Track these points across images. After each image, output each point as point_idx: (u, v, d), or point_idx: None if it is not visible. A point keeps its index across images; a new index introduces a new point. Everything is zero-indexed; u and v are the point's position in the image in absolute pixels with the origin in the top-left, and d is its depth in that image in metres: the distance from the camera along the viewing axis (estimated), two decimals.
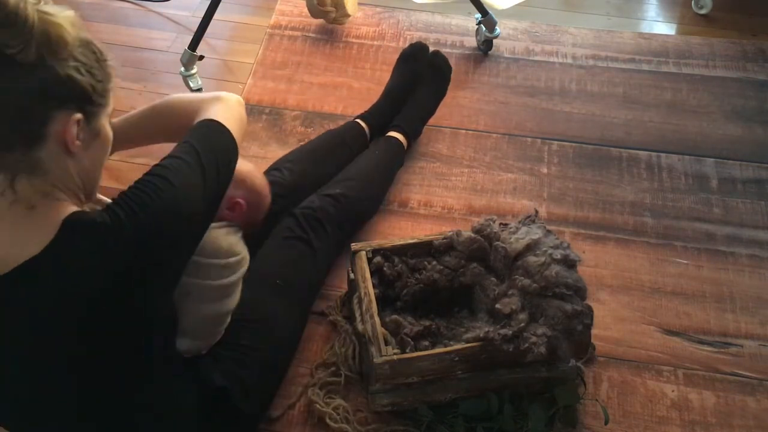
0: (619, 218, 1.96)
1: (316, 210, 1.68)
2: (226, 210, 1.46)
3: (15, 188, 1.03)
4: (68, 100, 1.04)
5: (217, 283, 1.36)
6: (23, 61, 0.99)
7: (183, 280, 1.24)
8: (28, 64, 0.99)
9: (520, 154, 2.11)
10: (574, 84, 2.31)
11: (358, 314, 1.56)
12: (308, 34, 2.43)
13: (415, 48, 2.08)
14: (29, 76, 1.00)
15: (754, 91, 2.30)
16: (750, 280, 1.83)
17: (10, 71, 0.99)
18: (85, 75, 1.04)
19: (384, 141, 1.97)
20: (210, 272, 1.34)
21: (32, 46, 0.99)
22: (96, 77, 1.07)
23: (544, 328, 1.45)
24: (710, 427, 1.57)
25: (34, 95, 1.01)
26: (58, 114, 1.03)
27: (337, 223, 1.70)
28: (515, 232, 1.60)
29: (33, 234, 1.03)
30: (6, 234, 1.04)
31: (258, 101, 2.21)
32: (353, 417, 1.53)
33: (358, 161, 1.89)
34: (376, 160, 1.91)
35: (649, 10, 2.67)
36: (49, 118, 1.03)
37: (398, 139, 1.98)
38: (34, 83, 1.00)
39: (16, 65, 0.99)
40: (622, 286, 1.81)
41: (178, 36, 2.41)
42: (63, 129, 1.04)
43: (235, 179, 1.39)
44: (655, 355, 1.69)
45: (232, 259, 1.39)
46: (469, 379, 1.51)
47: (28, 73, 1.00)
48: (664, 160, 2.10)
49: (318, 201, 1.71)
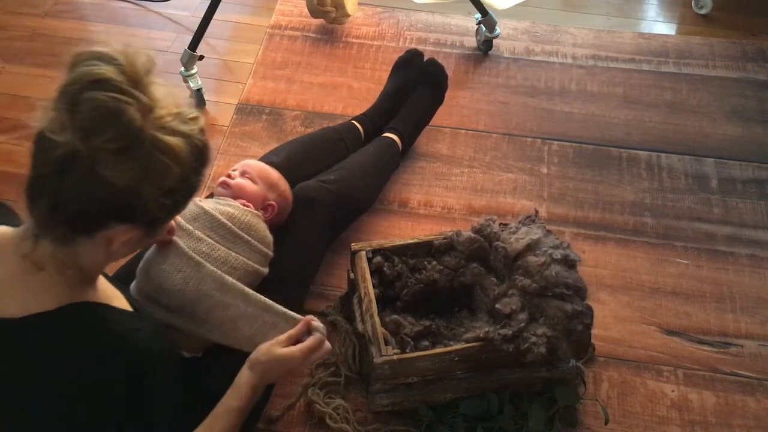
0: (619, 218, 1.96)
1: (309, 191, 1.67)
2: (261, 210, 1.55)
3: (37, 245, 0.97)
4: (136, 221, 0.98)
5: (256, 266, 1.44)
6: (113, 180, 0.91)
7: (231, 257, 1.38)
8: (115, 184, 0.92)
9: (520, 154, 2.11)
10: (574, 84, 2.31)
11: (358, 314, 1.56)
12: (308, 34, 2.43)
13: (410, 54, 2.08)
14: (108, 193, 0.92)
15: (754, 91, 2.30)
16: (750, 280, 1.83)
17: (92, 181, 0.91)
18: (167, 205, 0.98)
19: (377, 139, 1.97)
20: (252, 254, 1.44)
21: (129, 176, 0.92)
22: (177, 204, 1.01)
23: (544, 328, 1.45)
24: (710, 427, 1.57)
25: (103, 209, 0.95)
26: (118, 225, 0.97)
27: (328, 208, 1.68)
28: (515, 232, 1.60)
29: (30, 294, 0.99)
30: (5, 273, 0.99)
31: (258, 101, 2.21)
32: (353, 417, 1.54)
33: (352, 156, 1.89)
34: (370, 154, 1.90)
35: (649, 10, 2.67)
36: (109, 227, 0.97)
37: (392, 138, 1.97)
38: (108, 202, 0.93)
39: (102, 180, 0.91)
40: (622, 286, 1.81)
41: (178, 36, 2.41)
42: (115, 236, 0.98)
43: (270, 183, 1.56)
44: (655, 355, 1.69)
45: (270, 254, 1.50)
46: (469, 379, 1.51)
47: (107, 191, 0.92)
48: (664, 160, 2.10)
49: (311, 184, 1.71)
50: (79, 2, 2.56)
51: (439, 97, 2.08)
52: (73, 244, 0.98)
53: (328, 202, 1.68)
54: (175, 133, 0.95)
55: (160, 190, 0.96)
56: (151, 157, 0.93)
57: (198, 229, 1.38)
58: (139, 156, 0.92)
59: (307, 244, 1.64)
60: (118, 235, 0.98)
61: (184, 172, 0.98)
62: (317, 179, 1.74)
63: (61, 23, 2.45)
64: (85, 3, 2.56)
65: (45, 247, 0.98)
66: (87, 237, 0.97)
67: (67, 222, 0.95)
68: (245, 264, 1.42)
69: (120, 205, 0.95)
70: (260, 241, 1.47)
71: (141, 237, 1.02)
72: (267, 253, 1.49)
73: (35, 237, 0.97)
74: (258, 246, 1.46)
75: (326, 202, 1.68)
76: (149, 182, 0.94)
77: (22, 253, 0.98)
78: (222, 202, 1.48)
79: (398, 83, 2.06)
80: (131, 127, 0.91)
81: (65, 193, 0.92)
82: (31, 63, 2.31)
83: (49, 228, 0.96)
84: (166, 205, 0.98)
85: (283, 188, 1.62)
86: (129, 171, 0.92)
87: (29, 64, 2.31)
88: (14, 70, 2.30)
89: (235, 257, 1.40)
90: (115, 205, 0.94)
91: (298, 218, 1.64)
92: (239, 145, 2.08)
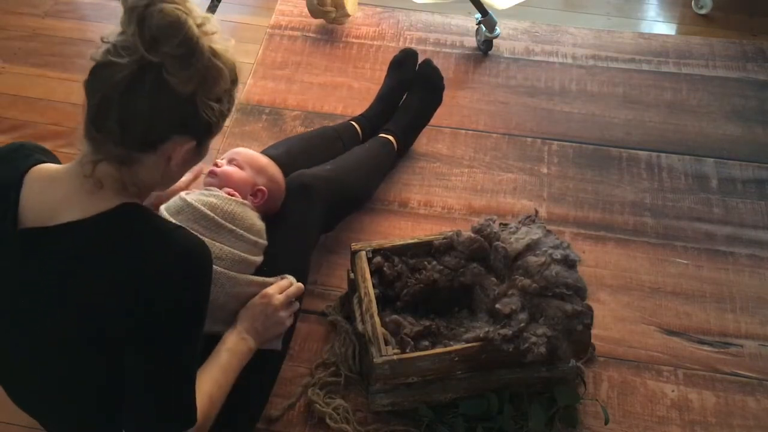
0: (619, 218, 1.96)
1: (304, 178, 1.66)
2: (250, 196, 1.54)
3: (96, 167, 1.05)
4: (194, 131, 1.07)
5: (245, 255, 1.42)
6: (176, 89, 1.01)
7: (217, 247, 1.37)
8: (177, 94, 1.02)
9: (520, 154, 2.10)
10: (574, 84, 2.31)
11: (358, 314, 1.56)
12: (308, 34, 2.43)
13: (404, 54, 2.07)
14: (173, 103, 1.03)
15: (754, 91, 2.30)
16: (750, 280, 1.83)
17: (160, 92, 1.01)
18: (218, 115, 1.08)
19: (372, 139, 1.98)
20: (240, 244, 1.42)
21: (191, 83, 1.02)
22: (224, 115, 1.10)
23: (544, 328, 1.45)
24: (710, 427, 1.57)
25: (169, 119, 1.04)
26: (179, 137, 1.06)
27: (323, 194, 1.67)
28: (515, 232, 1.60)
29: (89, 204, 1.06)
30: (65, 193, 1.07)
31: (258, 101, 2.21)
32: (353, 417, 1.54)
33: (347, 152, 1.89)
34: (364, 150, 1.91)
35: (649, 10, 2.67)
36: (169, 138, 1.06)
37: (387, 138, 1.97)
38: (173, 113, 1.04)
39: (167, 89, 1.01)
40: (622, 286, 1.81)
41: None
42: (175, 149, 1.07)
43: (258, 168, 1.56)
44: (655, 355, 1.69)
45: (261, 241, 1.48)
46: (469, 379, 1.51)
47: (173, 101, 1.02)
48: (664, 160, 2.10)
49: (306, 171, 1.70)
50: (79, 2, 2.56)
51: (435, 98, 2.07)
52: (135, 162, 1.06)
53: (322, 188, 1.67)
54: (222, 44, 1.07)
55: (213, 96, 1.06)
56: (210, 62, 1.03)
57: (182, 222, 1.37)
58: (199, 62, 1.02)
59: (302, 229, 1.63)
60: (177, 148, 1.07)
61: (231, 78, 1.08)
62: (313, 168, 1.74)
63: (61, 23, 2.44)
64: (85, 3, 2.56)
65: (107, 169, 1.06)
66: (151, 153, 1.06)
67: (136, 138, 1.04)
68: (231, 253, 1.40)
69: (183, 114, 1.04)
70: (247, 229, 1.45)
71: (194, 152, 1.11)
72: (255, 240, 1.46)
73: (93, 163, 1.05)
74: (244, 234, 1.44)
75: (321, 188, 1.67)
76: (206, 88, 1.04)
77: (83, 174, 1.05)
78: (206, 193, 1.47)
79: (393, 84, 2.06)
80: (192, 34, 1.01)
81: (135, 108, 1.01)
82: (31, 63, 2.31)
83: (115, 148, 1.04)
84: (216, 112, 1.07)
85: (272, 173, 1.60)
86: (191, 77, 1.02)
87: (29, 64, 2.31)
88: (14, 70, 2.30)
89: (219, 247, 1.39)
90: (179, 113, 1.04)
91: (293, 204, 1.63)
92: (239, 145, 2.07)
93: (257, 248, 1.47)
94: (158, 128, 1.04)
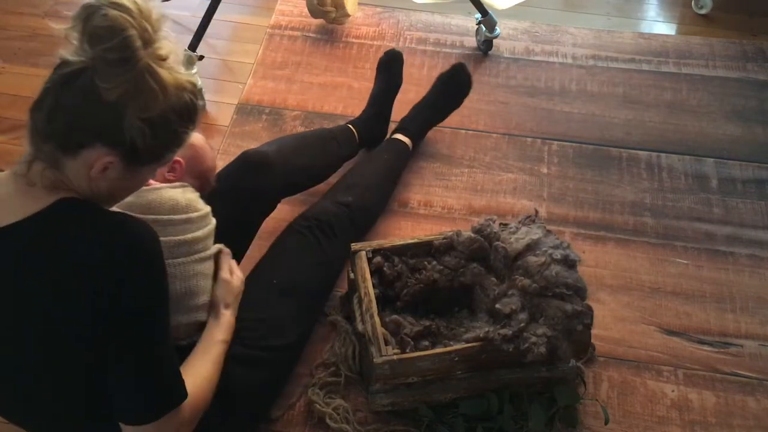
0: (619, 218, 1.96)
1: (330, 217, 1.69)
2: (169, 173, 1.50)
3: (31, 167, 1.06)
4: (116, 146, 1.05)
5: (181, 237, 1.35)
6: (104, 94, 1.01)
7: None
8: (102, 99, 1.01)
9: (520, 154, 2.11)
10: (574, 84, 2.31)
11: (358, 314, 1.56)
12: (308, 34, 2.43)
13: (389, 55, 2.06)
14: (97, 108, 1.02)
15: (754, 91, 2.30)
16: (750, 280, 1.83)
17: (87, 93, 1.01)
18: (148, 140, 1.05)
19: (392, 145, 1.98)
20: (171, 228, 1.34)
21: (116, 92, 1.01)
22: (159, 143, 1.08)
23: (544, 328, 1.45)
24: (710, 427, 1.57)
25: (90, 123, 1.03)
26: (100, 147, 1.05)
27: (347, 230, 1.71)
28: (515, 232, 1.60)
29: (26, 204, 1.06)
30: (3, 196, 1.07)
31: (258, 101, 2.21)
32: (353, 417, 1.54)
33: (367, 166, 1.90)
34: (386, 167, 1.92)
35: (649, 10, 2.67)
36: (91, 145, 1.04)
37: (405, 143, 1.98)
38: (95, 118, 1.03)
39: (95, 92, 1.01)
40: (622, 286, 1.81)
41: (178, 36, 2.35)
42: (94, 158, 1.05)
43: None
44: (655, 355, 1.69)
45: (194, 215, 1.39)
46: (469, 379, 1.51)
47: (96, 106, 1.02)
48: (664, 160, 2.10)
49: (331, 208, 1.72)
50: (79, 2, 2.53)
51: (458, 102, 2.08)
52: (60, 165, 1.06)
53: (348, 225, 1.71)
54: (168, 71, 1.05)
55: (142, 115, 1.03)
56: (141, 77, 1.02)
57: None
58: (131, 73, 1.01)
59: (329, 263, 1.67)
60: (98, 158, 1.04)
61: (168, 108, 1.05)
62: (335, 200, 1.75)
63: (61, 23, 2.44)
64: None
65: (38, 169, 1.06)
66: (73, 157, 1.05)
67: (57, 136, 1.04)
68: (169, 241, 1.33)
69: (105, 123, 1.03)
70: (170, 211, 1.36)
71: (120, 171, 1.07)
72: (186, 218, 1.37)
73: (29, 162, 1.06)
74: (172, 218, 1.35)
75: (346, 225, 1.71)
76: (134, 104, 1.02)
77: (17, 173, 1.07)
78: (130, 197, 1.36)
79: (383, 86, 2.05)
80: (131, 44, 1.00)
81: (62, 103, 1.02)
82: (31, 63, 2.31)
83: (41, 144, 1.05)
84: (146, 136, 1.04)
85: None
86: (119, 86, 1.00)
87: (29, 64, 2.31)
88: (14, 70, 2.30)
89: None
90: (101, 121, 1.03)
91: (322, 244, 1.65)
92: (239, 145, 2.08)
93: (192, 224, 1.39)
94: (79, 130, 1.04)
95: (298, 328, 1.55)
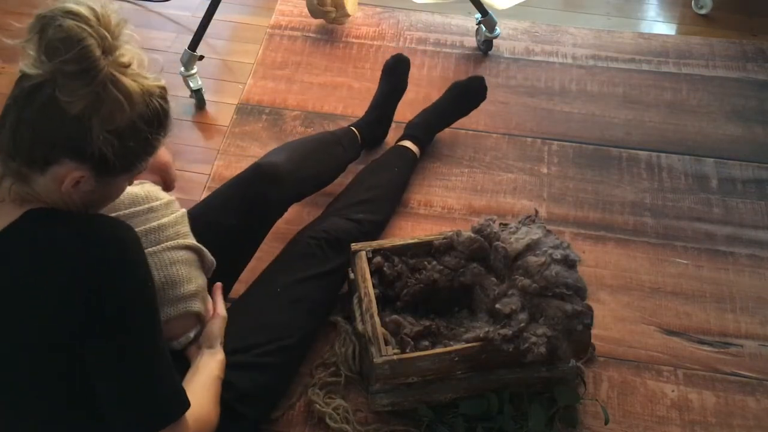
0: (619, 218, 1.96)
1: (340, 233, 1.68)
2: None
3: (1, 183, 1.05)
4: (86, 160, 1.02)
5: (147, 226, 1.33)
6: (66, 108, 0.98)
7: None
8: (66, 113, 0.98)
9: (520, 154, 2.11)
10: (574, 84, 2.31)
11: (358, 314, 1.56)
12: (308, 34, 2.43)
13: (395, 59, 2.05)
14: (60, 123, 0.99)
15: (754, 91, 2.30)
16: (750, 280, 1.83)
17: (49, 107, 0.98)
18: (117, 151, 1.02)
19: (402, 155, 1.97)
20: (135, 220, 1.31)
21: (79, 105, 0.98)
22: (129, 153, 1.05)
23: (544, 328, 1.45)
24: (710, 427, 1.57)
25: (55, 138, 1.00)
26: (68, 162, 1.02)
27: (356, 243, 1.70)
28: (515, 232, 1.60)
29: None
30: None
31: (258, 101, 2.21)
32: (353, 417, 1.54)
33: (379, 178, 1.89)
34: (397, 180, 1.92)
35: (649, 10, 2.67)
36: (58, 161, 1.02)
37: (414, 153, 1.98)
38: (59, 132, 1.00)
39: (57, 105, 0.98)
40: (622, 286, 1.81)
41: (178, 36, 2.41)
42: (64, 174, 1.03)
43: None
44: (655, 355, 1.69)
45: (156, 203, 1.37)
46: (469, 379, 1.51)
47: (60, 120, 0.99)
48: (664, 160, 2.10)
49: (343, 225, 1.71)
50: None
51: (467, 111, 2.09)
52: (29, 181, 1.04)
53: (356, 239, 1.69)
54: (133, 78, 1.02)
55: (109, 127, 1.00)
56: (104, 88, 0.98)
57: None
58: (93, 85, 0.98)
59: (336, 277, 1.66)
60: (68, 173, 1.02)
61: (135, 116, 1.02)
62: (346, 216, 1.74)
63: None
64: None
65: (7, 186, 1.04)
66: (41, 173, 1.03)
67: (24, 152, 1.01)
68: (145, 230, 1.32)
69: (71, 136, 1.00)
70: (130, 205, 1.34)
71: (93, 183, 1.05)
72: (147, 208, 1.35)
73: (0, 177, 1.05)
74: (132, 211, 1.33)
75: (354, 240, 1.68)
76: (99, 115, 0.99)
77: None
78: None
79: (387, 89, 2.05)
80: (90, 54, 0.97)
81: (25, 119, 1.00)
82: None
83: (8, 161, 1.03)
84: (116, 148, 1.02)
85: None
86: (82, 98, 0.97)
87: None
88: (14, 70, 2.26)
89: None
90: (67, 134, 1.00)
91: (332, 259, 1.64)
92: (239, 146, 2.08)
93: (155, 212, 1.36)
94: (45, 145, 1.01)
95: (302, 335, 1.55)
